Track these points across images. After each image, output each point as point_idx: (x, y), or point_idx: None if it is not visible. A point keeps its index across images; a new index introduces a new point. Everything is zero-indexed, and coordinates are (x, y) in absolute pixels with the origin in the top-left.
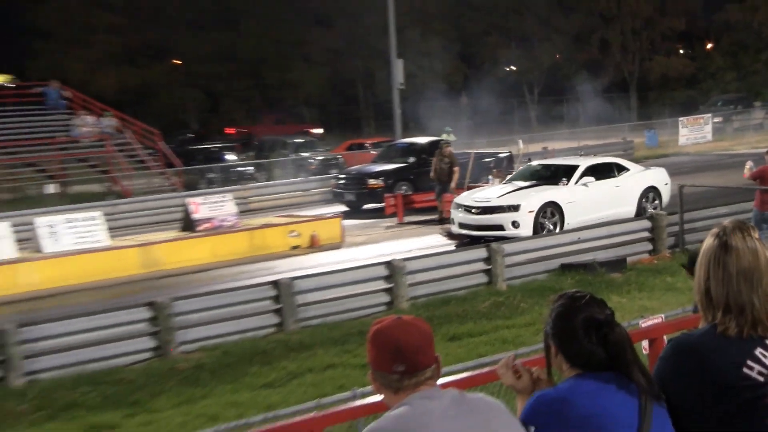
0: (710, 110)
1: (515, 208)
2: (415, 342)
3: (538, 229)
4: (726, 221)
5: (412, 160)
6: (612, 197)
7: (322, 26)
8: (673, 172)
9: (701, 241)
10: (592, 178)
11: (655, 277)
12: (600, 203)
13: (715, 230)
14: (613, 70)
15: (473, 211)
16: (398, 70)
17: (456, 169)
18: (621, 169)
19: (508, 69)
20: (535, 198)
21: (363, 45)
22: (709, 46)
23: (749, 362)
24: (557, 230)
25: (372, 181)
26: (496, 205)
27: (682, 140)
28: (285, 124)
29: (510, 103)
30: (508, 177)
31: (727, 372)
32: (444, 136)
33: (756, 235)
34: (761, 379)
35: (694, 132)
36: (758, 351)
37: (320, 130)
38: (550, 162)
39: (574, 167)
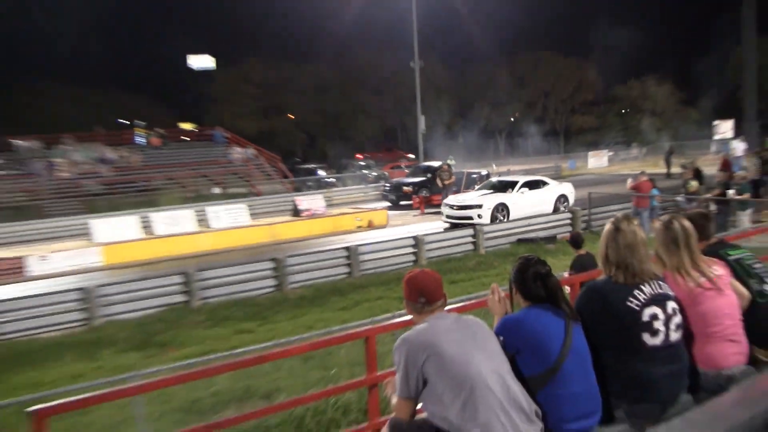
0: (606, 147)
1: (479, 206)
2: (431, 284)
3: (494, 219)
4: (618, 214)
5: (429, 175)
6: (538, 201)
7: (377, 94)
8: (584, 184)
9: (601, 226)
10: (526, 189)
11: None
12: (531, 204)
13: (611, 219)
14: (549, 122)
15: (454, 207)
16: (421, 121)
17: (450, 181)
18: (544, 183)
19: (485, 121)
20: (491, 200)
21: (400, 106)
22: (605, 109)
23: (630, 298)
24: (506, 220)
25: (405, 188)
26: (467, 204)
27: (590, 165)
28: (391, 151)
29: (488, 141)
30: (477, 187)
31: (618, 303)
32: (448, 161)
33: (636, 222)
34: (636, 307)
35: (598, 161)
36: (635, 291)
37: (413, 156)
38: (502, 178)
39: (515, 182)
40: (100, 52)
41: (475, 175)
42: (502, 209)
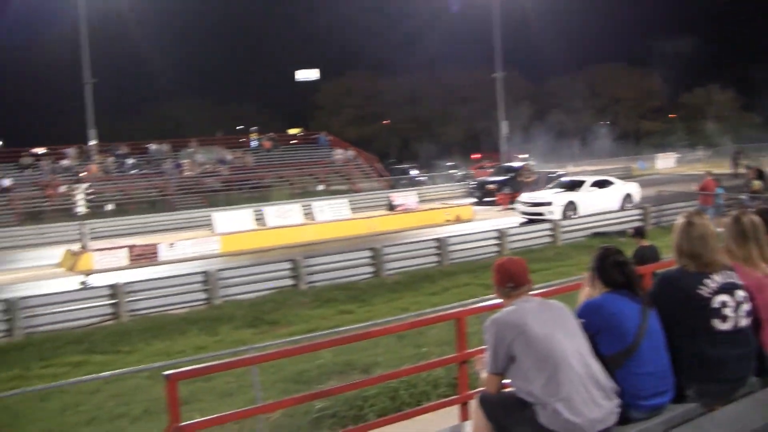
0: (673, 150)
1: (550, 203)
2: (518, 270)
3: (564, 216)
4: (690, 209)
5: (510, 174)
6: (605, 199)
7: (463, 102)
8: (653, 183)
9: (669, 222)
10: (594, 187)
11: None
12: (598, 202)
13: (684, 213)
14: (620, 127)
15: (527, 204)
16: (504, 126)
17: (532, 179)
18: (611, 183)
19: (561, 126)
20: (562, 198)
21: (484, 113)
22: (672, 115)
23: (700, 286)
24: (575, 216)
25: (489, 186)
26: (539, 202)
27: (658, 166)
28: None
29: (563, 144)
30: (549, 186)
31: (689, 290)
32: (528, 162)
33: (706, 217)
34: (707, 295)
35: (666, 162)
36: (706, 280)
37: (526, 155)
38: (572, 178)
39: (584, 181)
40: (220, 68)
41: (552, 175)
42: (571, 206)
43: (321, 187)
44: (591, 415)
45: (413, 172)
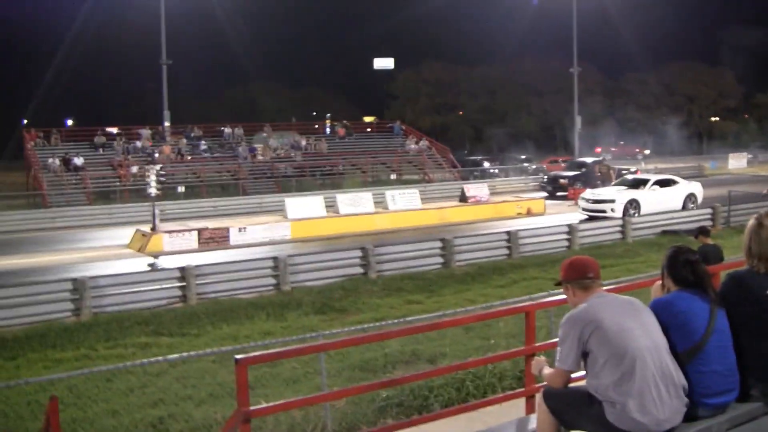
0: (746, 150)
1: (613, 201)
2: (593, 264)
3: (626, 213)
4: (762, 210)
5: (583, 169)
6: (668, 198)
7: (538, 96)
8: (724, 183)
9: (739, 222)
10: (657, 186)
11: (713, 239)
12: (661, 201)
13: (755, 215)
14: (693, 125)
15: (590, 201)
16: (578, 121)
17: (608, 175)
18: (674, 182)
19: (635, 123)
20: (624, 195)
21: (559, 107)
22: (746, 115)
23: None
24: (637, 215)
25: (561, 180)
26: (602, 199)
27: (730, 166)
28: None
29: (637, 141)
30: (613, 183)
31: (757, 291)
32: (603, 158)
33: None
34: None
35: (737, 162)
36: None
37: (648, 151)
38: (635, 176)
39: (647, 180)
40: (297, 54)
41: (625, 172)
42: (634, 204)
43: (393, 176)
44: (659, 415)
45: (486, 164)
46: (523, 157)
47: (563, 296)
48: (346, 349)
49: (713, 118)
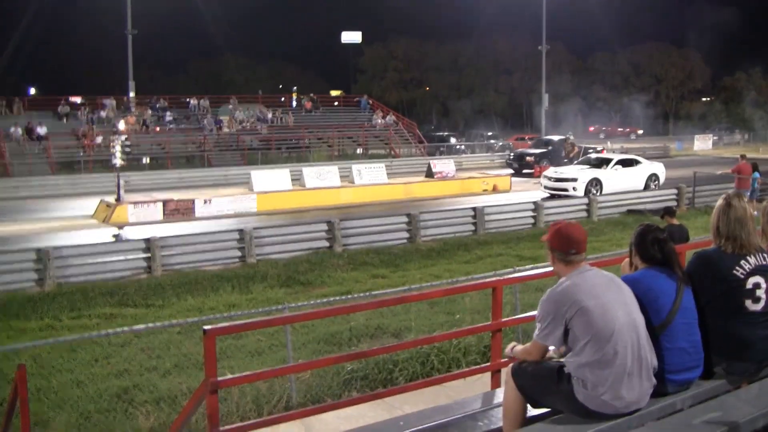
0: (711, 132)
1: (575, 179)
2: (581, 236)
3: (587, 193)
4: (729, 191)
5: (550, 147)
6: (630, 178)
7: (507, 73)
8: (690, 164)
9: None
10: (620, 166)
11: (678, 219)
12: (623, 181)
13: (723, 195)
14: (661, 106)
15: (551, 179)
16: (545, 100)
17: (575, 153)
18: (637, 162)
19: (603, 102)
20: (586, 174)
21: (527, 85)
22: (712, 97)
23: (736, 267)
24: (599, 194)
25: (528, 158)
26: (564, 177)
27: (695, 147)
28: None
29: (603, 121)
30: (576, 162)
31: (725, 271)
32: (568, 136)
33: (746, 199)
34: (742, 276)
35: (703, 143)
36: (741, 261)
37: (641, 131)
38: (599, 155)
39: (610, 159)
40: (264, 26)
41: (591, 151)
42: (595, 184)
43: (360, 151)
44: (629, 398)
45: (452, 140)
46: (489, 133)
47: (529, 273)
48: (312, 322)
49: (680, 101)
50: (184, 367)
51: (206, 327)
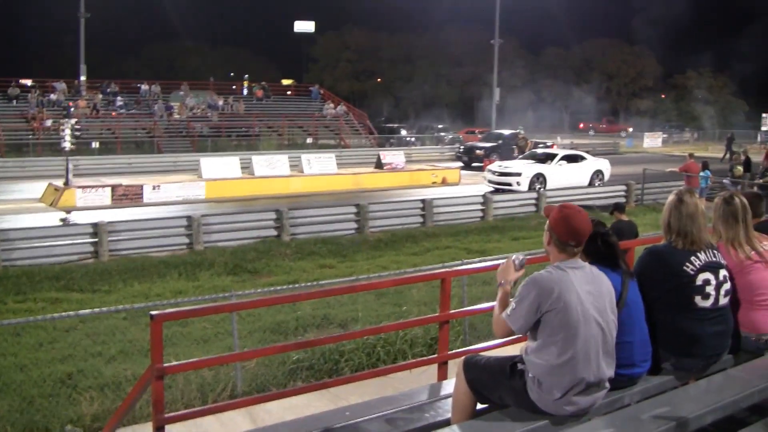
0: (661, 130)
1: (519, 174)
2: (585, 231)
3: (532, 188)
4: (681, 187)
5: (500, 141)
6: (575, 174)
7: (459, 66)
8: (639, 161)
9: (653, 200)
10: (564, 162)
11: (627, 215)
12: (568, 177)
13: (675, 191)
14: (611, 103)
15: (496, 173)
16: (496, 93)
17: (527, 147)
18: (582, 158)
19: (554, 97)
20: (531, 169)
21: (479, 78)
22: (663, 95)
23: (687, 263)
24: (543, 189)
25: (477, 151)
26: (508, 172)
27: (645, 145)
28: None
29: (554, 116)
30: (520, 156)
31: (675, 266)
32: (519, 130)
33: (696, 195)
34: (692, 272)
35: (653, 141)
36: (692, 257)
37: (631, 129)
38: (543, 150)
39: (555, 155)
40: (217, 13)
41: (541, 146)
42: (540, 179)
43: (310, 140)
44: (582, 404)
45: (403, 132)
46: (440, 126)
47: (477, 265)
48: (258, 311)
49: (632, 97)
50: (129, 353)
51: (153, 312)
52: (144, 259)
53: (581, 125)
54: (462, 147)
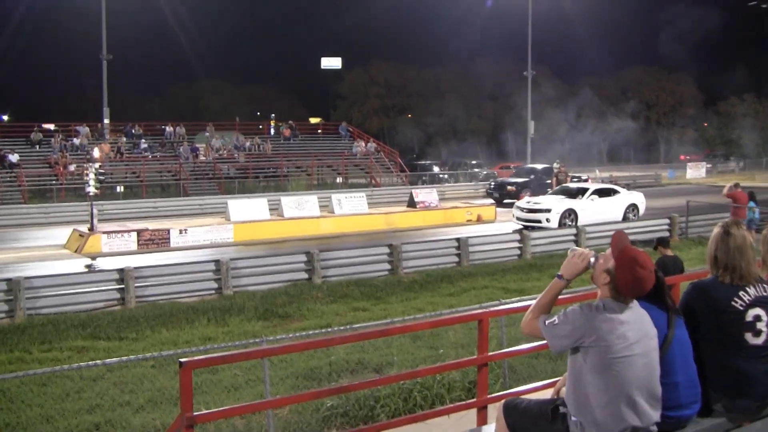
0: (705, 159)
1: (548, 210)
2: (648, 286)
3: (562, 224)
4: (727, 219)
5: (532, 176)
6: (607, 209)
7: (491, 99)
8: (682, 193)
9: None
10: (596, 196)
11: (672, 250)
12: (600, 212)
13: (720, 224)
14: (651, 133)
15: (524, 210)
16: (531, 126)
17: (568, 181)
18: (615, 192)
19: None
20: (561, 205)
21: (512, 111)
22: (705, 124)
23: (735, 298)
24: (574, 225)
25: (509, 187)
26: (537, 208)
27: (688, 175)
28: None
29: (592, 148)
30: (550, 192)
31: (723, 302)
32: (555, 164)
33: (744, 227)
34: (741, 308)
35: (696, 171)
36: (741, 292)
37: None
38: (574, 185)
39: (586, 189)
40: (243, 53)
41: (575, 179)
42: (570, 215)
43: (339, 180)
44: None
45: (435, 169)
46: (473, 162)
47: (516, 305)
48: (290, 356)
49: (672, 127)
50: (158, 402)
51: (182, 359)
52: (172, 305)
53: (681, 157)
54: (492, 183)
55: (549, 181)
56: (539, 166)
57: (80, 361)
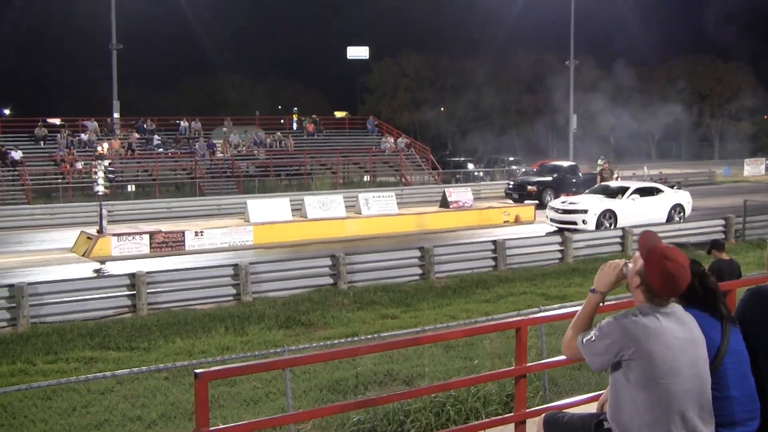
0: (764, 155)
1: (585, 211)
2: (684, 285)
3: (600, 226)
4: None
5: (555, 175)
6: (650, 209)
7: (530, 92)
8: (739, 192)
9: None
10: (637, 195)
11: (728, 253)
12: (641, 213)
13: None
14: (705, 127)
15: (559, 211)
16: (573, 120)
17: (613, 179)
18: (658, 191)
19: (638, 123)
20: (599, 205)
21: (552, 105)
22: (765, 116)
23: None
24: (612, 227)
25: (530, 187)
26: (573, 209)
27: (745, 173)
28: None
29: (639, 143)
30: (587, 191)
31: None
32: (599, 161)
33: None
34: None
35: (754, 169)
36: None
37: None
38: (613, 183)
39: (627, 188)
40: (262, 43)
41: (618, 178)
42: (609, 216)
43: (367, 178)
44: None
45: (470, 166)
46: (511, 158)
47: (557, 312)
48: (314, 367)
49: (728, 120)
50: (171, 417)
51: (198, 370)
52: (186, 312)
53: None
54: (512, 182)
55: (575, 181)
56: (564, 164)
57: (88, 372)
